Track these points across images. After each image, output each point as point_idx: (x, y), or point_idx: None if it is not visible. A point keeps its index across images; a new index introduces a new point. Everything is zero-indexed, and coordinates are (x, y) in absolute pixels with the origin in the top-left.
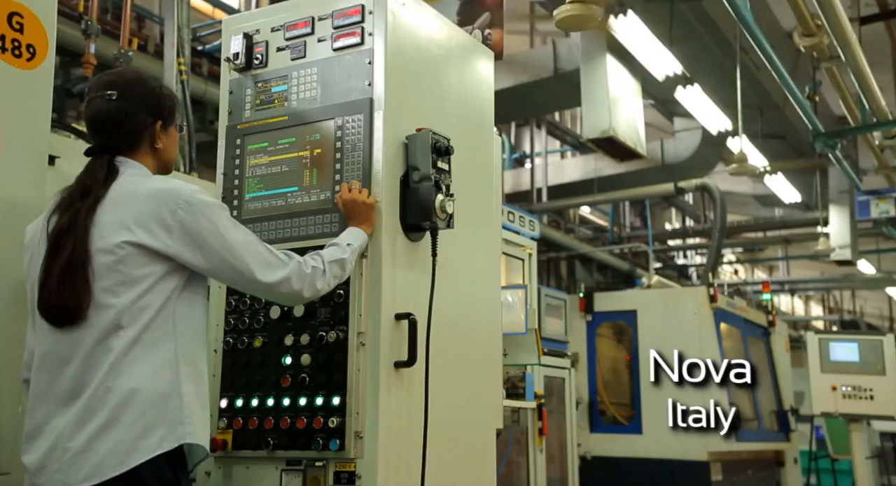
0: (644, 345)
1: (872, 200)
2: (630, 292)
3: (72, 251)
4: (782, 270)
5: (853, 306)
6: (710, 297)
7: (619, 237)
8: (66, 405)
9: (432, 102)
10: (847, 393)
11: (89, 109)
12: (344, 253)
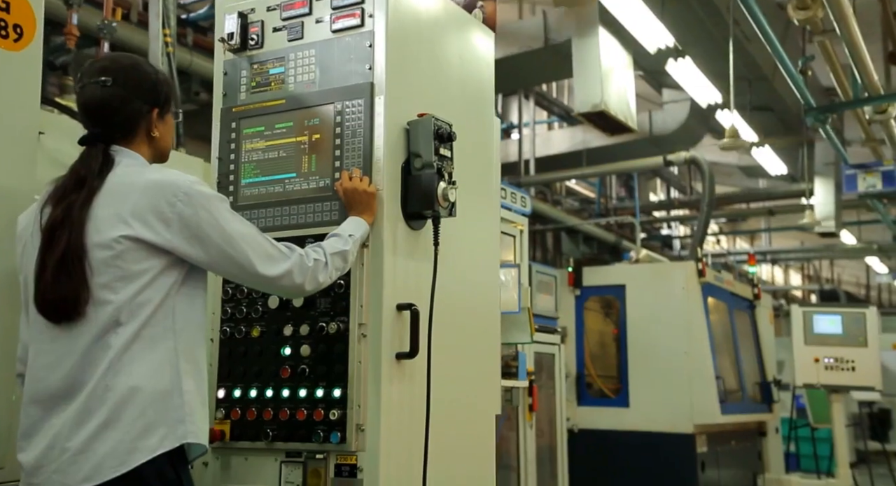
0: (632, 319)
1: (860, 174)
2: (618, 267)
3: (66, 245)
4: (764, 240)
5: (831, 275)
6: (698, 272)
7: (605, 209)
8: (62, 402)
9: (434, 85)
10: (829, 365)
11: (82, 95)
12: (346, 244)
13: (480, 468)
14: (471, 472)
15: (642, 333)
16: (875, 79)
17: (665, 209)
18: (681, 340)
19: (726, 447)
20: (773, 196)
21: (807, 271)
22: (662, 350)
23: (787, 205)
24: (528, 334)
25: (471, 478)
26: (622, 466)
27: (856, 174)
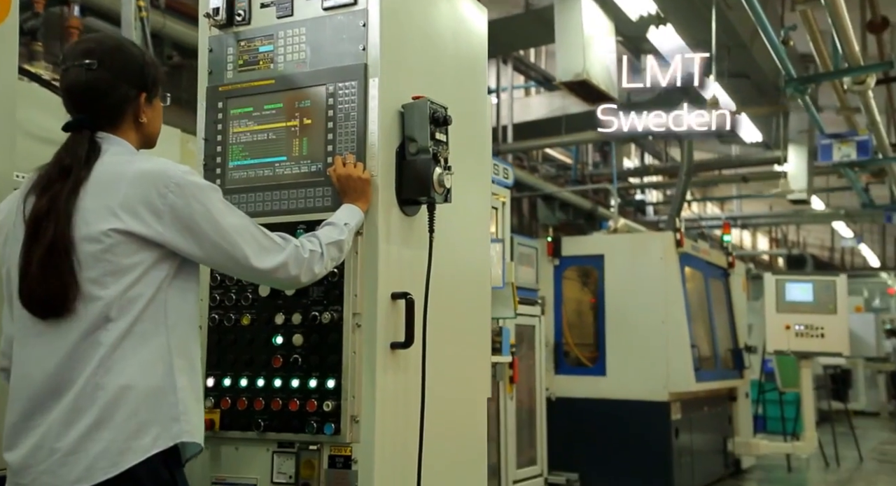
0: (610, 289)
1: (835, 144)
2: (597, 237)
3: (53, 239)
4: (735, 205)
5: (798, 238)
6: (676, 242)
7: (582, 175)
8: (49, 400)
9: (428, 65)
10: (800, 332)
11: (66, 79)
12: (341, 234)
13: (472, 454)
14: (463, 458)
15: (620, 302)
16: (856, 49)
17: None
18: (658, 309)
19: (699, 413)
20: (746, 163)
21: (774, 234)
22: (640, 320)
23: (760, 172)
24: (511, 310)
25: (463, 464)
26: (599, 433)
27: (831, 144)
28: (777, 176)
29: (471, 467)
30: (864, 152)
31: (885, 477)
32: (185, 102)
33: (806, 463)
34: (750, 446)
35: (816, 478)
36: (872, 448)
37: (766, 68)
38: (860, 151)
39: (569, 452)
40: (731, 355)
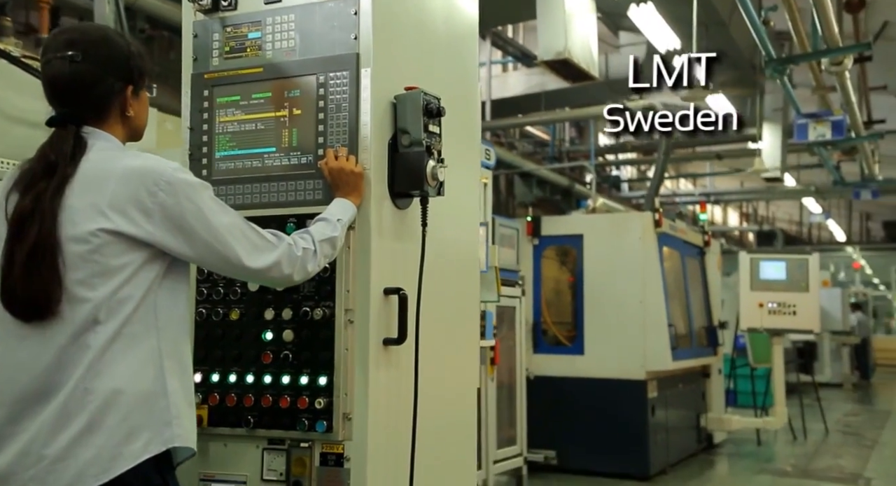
0: (589, 269)
1: (811, 124)
2: (577, 217)
3: (37, 239)
4: (708, 181)
5: (767, 213)
6: (655, 222)
7: (559, 152)
8: (35, 405)
9: (420, 54)
10: (773, 310)
11: (48, 71)
12: (335, 230)
13: (463, 446)
14: (454, 451)
15: (599, 282)
16: (835, 30)
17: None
18: (636, 289)
19: (674, 391)
20: (721, 141)
21: (745, 209)
22: (618, 299)
23: (734, 149)
24: (495, 293)
25: (453, 456)
26: (576, 411)
27: (807, 123)
28: (751, 154)
29: (461, 458)
30: (839, 132)
31: (850, 449)
32: (157, 75)
33: (774, 436)
34: (722, 421)
35: (785, 451)
36: (837, 420)
37: (743, 46)
38: (835, 130)
39: (546, 430)
40: (706, 333)
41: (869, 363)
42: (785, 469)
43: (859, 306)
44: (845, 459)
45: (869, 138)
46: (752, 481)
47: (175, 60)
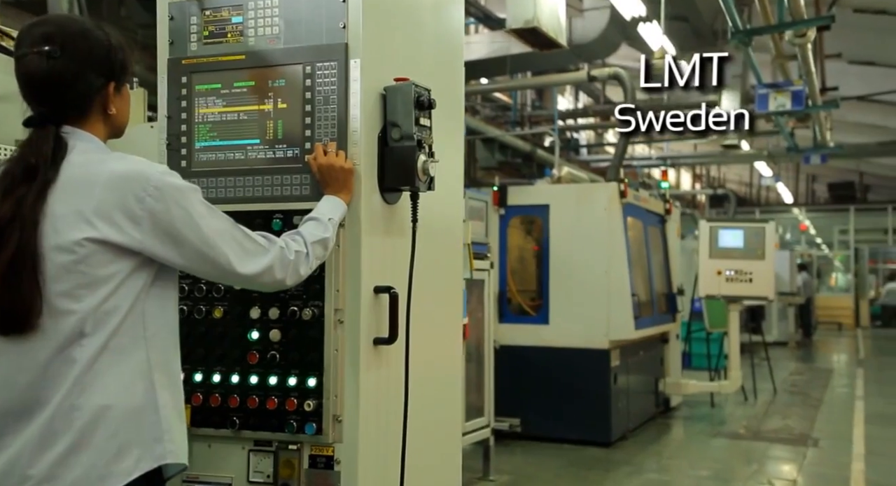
0: (555, 239)
1: (771, 94)
2: (543, 187)
3: (17, 248)
4: (665, 144)
5: (718, 174)
6: (620, 192)
7: (521, 117)
8: (17, 422)
9: (409, 43)
10: (730, 277)
11: (24, 66)
12: (326, 231)
13: (449, 443)
14: (440, 448)
15: (564, 253)
16: (801, 2)
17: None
18: (601, 260)
19: (635, 358)
20: (680, 106)
21: (697, 171)
22: (583, 270)
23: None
24: (467, 270)
25: (440, 453)
26: (541, 380)
27: (768, 93)
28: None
29: (447, 454)
30: (799, 103)
31: (797, 410)
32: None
33: (726, 398)
34: (679, 386)
35: (737, 413)
36: (783, 379)
37: (705, 12)
38: (795, 101)
39: (511, 398)
40: (665, 300)
41: (812, 322)
42: (738, 432)
43: (805, 267)
44: (793, 419)
45: (825, 108)
46: (709, 445)
47: (127, 18)
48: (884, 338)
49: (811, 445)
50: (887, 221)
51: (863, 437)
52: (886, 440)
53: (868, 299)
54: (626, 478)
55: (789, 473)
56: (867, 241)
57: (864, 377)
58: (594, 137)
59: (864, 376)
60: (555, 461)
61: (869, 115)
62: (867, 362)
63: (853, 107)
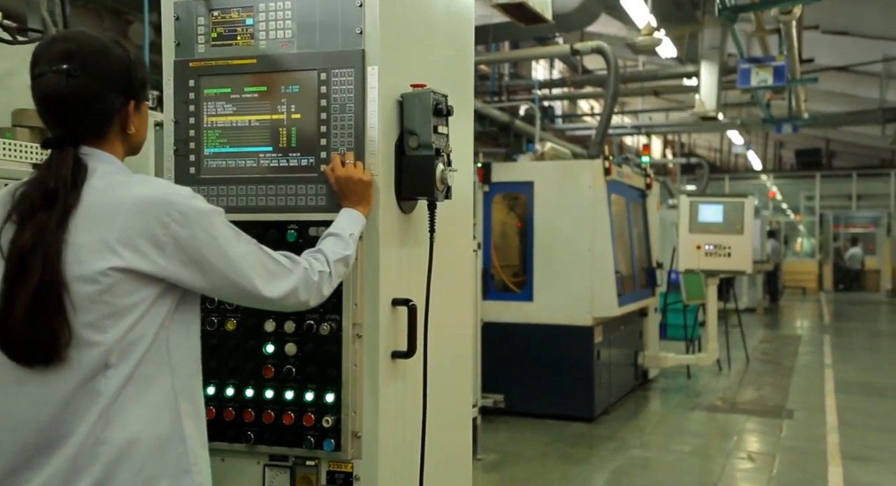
0: (539, 216)
1: (753, 69)
2: (528, 164)
3: (41, 279)
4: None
5: (689, 140)
6: (605, 170)
7: (499, 87)
8: (39, 456)
9: (424, 48)
10: (709, 252)
11: (41, 86)
12: (347, 248)
13: (462, 442)
14: (453, 458)
15: (548, 230)
16: None
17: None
18: (585, 237)
19: (617, 333)
20: (658, 77)
21: (668, 137)
22: (567, 247)
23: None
24: None
25: (453, 463)
26: (524, 356)
27: (749, 69)
28: (687, 90)
29: (460, 463)
30: (780, 78)
31: (770, 379)
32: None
33: (701, 368)
34: (658, 359)
35: (713, 384)
36: (754, 347)
37: None
38: (776, 76)
39: (495, 374)
40: (646, 274)
41: (778, 288)
42: (715, 404)
43: (773, 234)
44: (767, 390)
45: (805, 82)
46: (688, 418)
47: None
48: (845, 302)
49: (786, 416)
50: (851, 187)
51: (835, 407)
52: (857, 411)
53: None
54: (611, 455)
55: (767, 447)
56: (832, 207)
57: (831, 344)
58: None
59: (831, 342)
60: (539, 438)
61: (838, 83)
62: (832, 328)
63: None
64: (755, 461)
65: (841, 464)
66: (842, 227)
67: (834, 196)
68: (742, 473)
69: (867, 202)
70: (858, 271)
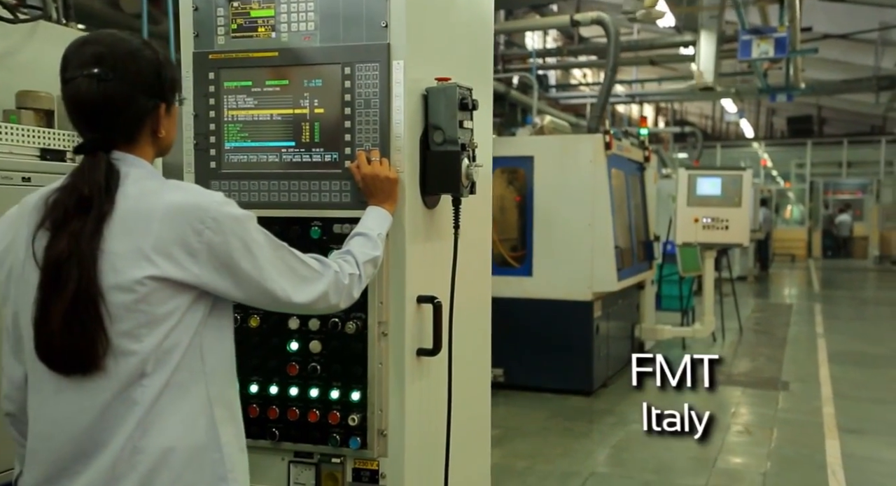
0: (539, 191)
1: (754, 40)
2: (528, 139)
3: (77, 288)
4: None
5: (681, 107)
6: (605, 144)
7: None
8: (76, 464)
9: (447, 39)
10: (707, 225)
11: (72, 90)
12: (376, 249)
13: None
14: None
15: (548, 204)
16: None
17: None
18: (585, 212)
19: (615, 307)
20: (655, 46)
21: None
22: (567, 222)
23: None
24: None
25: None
26: (524, 331)
27: (750, 40)
28: (683, 59)
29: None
30: (782, 50)
31: (764, 350)
32: None
33: (695, 340)
34: (655, 331)
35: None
36: (747, 317)
37: None
38: (778, 48)
39: (494, 349)
40: (643, 248)
41: (769, 256)
42: None
43: (765, 202)
44: (761, 361)
45: (805, 53)
46: (685, 391)
47: None
48: (833, 269)
49: (782, 388)
50: (842, 154)
51: (829, 378)
52: (850, 381)
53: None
54: (611, 429)
55: (764, 420)
56: (822, 174)
57: (822, 313)
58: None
59: (822, 311)
60: (539, 412)
61: (833, 50)
62: (822, 297)
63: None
64: (753, 435)
65: (837, 437)
66: (830, 193)
67: (824, 164)
68: (741, 447)
69: (857, 169)
70: (847, 238)
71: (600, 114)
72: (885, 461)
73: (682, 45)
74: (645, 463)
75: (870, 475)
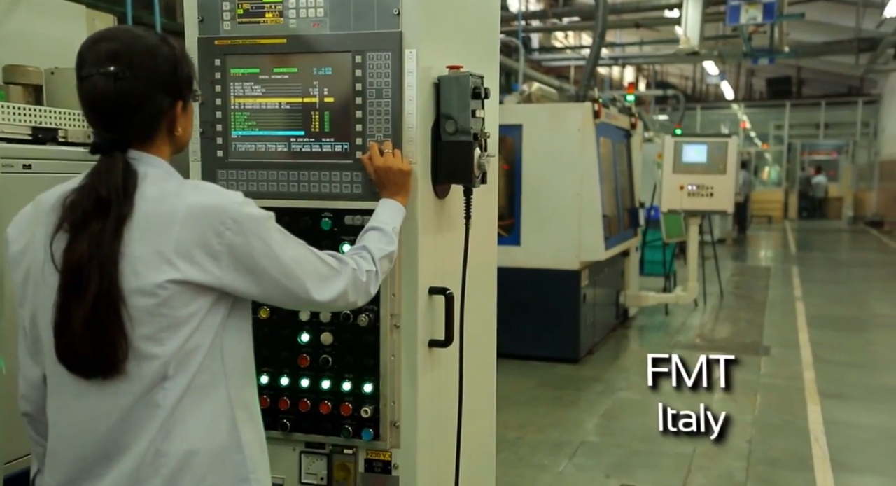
0: (527, 160)
1: (743, 6)
2: (517, 107)
3: (98, 292)
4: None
5: (661, 68)
6: (594, 113)
7: None
8: (98, 467)
9: (457, 26)
10: (692, 192)
11: (88, 88)
12: (391, 243)
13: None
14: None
15: (536, 173)
16: None
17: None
18: (573, 181)
19: (601, 275)
20: (641, 9)
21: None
22: (555, 191)
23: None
24: None
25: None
26: (511, 300)
27: (739, 5)
28: (669, 22)
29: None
30: (770, 15)
31: (744, 314)
32: None
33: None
34: (639, 298)
35: (691, 321)
36: (727, 280)
37: None
38: (766, 14)
39: None
40: (629, 215)
41: (747, 218)
42: (694, 342)
43: (744, 165)
44: (742, 325)
45: (791, 18)
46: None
47: None
48: (809, 230)
49: (763, 353)
50: (820, 115)
51: (808, 343)
52: (829, 346)
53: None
54: (599, 397)
55: (748, 386)
56: (800, 135)
57: (799, 275)
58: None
59: (799, 273)
60: (528, 381)
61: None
62: (798, 259)
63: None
64: (737, 402)
65: (819, 402)
66: (806, 154)
67: (802, 125)
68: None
69: (835, 131)
70: (822, 199)
71: (588, 81)
72: (865, 426)
73: (667, 8)
74: (633, 432)
75: (851, 441)
